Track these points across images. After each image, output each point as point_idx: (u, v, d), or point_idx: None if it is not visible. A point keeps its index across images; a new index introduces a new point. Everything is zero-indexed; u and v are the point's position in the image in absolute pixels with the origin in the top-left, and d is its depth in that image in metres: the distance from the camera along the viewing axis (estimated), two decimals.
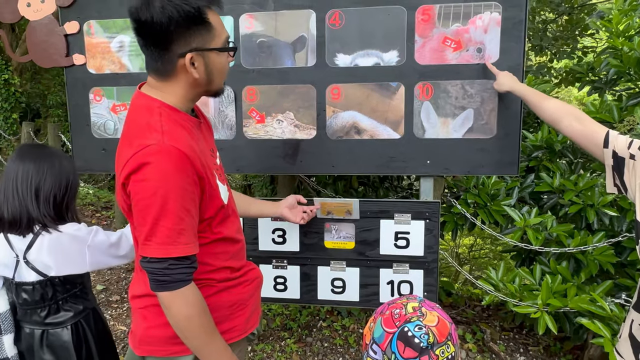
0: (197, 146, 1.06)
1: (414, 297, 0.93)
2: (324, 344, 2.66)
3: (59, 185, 1.38)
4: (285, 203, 1.60)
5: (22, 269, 1.37)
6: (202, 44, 1.03)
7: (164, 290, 1.01)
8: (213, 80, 1.09)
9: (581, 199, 2.25)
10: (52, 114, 7.60)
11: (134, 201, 1.01)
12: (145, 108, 1.05)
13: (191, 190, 1.01)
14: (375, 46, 1.71)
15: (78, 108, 1.96)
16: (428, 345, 0.83)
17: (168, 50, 1.02)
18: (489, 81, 1.67)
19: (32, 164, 1.36)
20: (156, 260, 1.00)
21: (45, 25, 1.91)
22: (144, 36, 1.02)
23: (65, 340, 1.40)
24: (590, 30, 4.00)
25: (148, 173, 0.97)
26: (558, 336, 2.62)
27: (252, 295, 1.26)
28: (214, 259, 1.14)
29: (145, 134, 1.00)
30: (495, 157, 1.71)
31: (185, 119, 1.08)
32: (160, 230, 0.98)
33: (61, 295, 1.40)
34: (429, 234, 1.76)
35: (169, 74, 1.05)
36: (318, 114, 1.79)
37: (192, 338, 1.04)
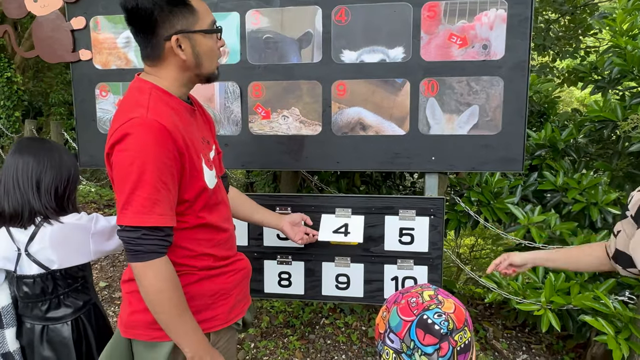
0: (183, 126, 1.09)
1: (428, 286, 0.95)
2: (326, 341, 2.67)
3: (60, 177, 1.38)
4: (289, 218, 1.59)
5: (24, 262, 1.36)
6: (186, 26, 1.08)
7: (137, 260, 1.04)
8: (202, 63, 1.12)
9: (585, 197, 2.26)
10: (54, 112, 7.61)
11: (115, 171, 1.05)
12: (137, 89, 1.11)
13: (170, 164, 1.04)
14: (381, 42, 1.72)
15: (84, 104, 1.97)
16: (448, 331, 0.85)
17: (155, 35, 1.07)
18: (494, 78, 1.68)
19: (32, 157, 1.35)
20: (131, 228, 1.03)
21: (52, 20, 1.92)
22: (133, 23, 1.08)
23: (65, 337, 1.40)
24: (593, 30, 4.00)
25: (129, 144, 1.01)
26: (561, 334, 2.63)
27: (237, 286, 1.26)
28: (196, 244, 1.15)
29: (132, 109, 1.05)
30: (500, 153, 1.71)
31: (176, 102, 1.12)
32: (136, 200, 1.02)
33: (62, 289, 1.40)
34: (433, 230, 1.76)
35: (159, 58, 1.10)
36: (323, 110, 1.79)
37: (161, 312, 1.06)
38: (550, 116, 3.07)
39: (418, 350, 0.86)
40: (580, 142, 2.64)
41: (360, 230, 1.73)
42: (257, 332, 2.76)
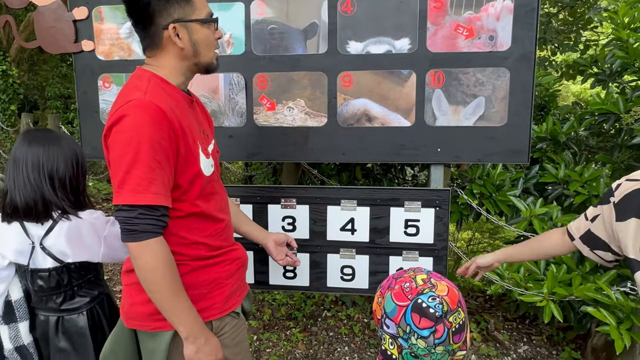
0: (179, 112, 1.11)
1: (420, 270, 0.96)
2: (329, 333, 2.68)
3: (72, 167, 1.36)
4: (274, 236, 1.58)
5: (38, 256, 1.35)
6: (182, 15, 1.11)
7: (133, 240, 1.05)
8: (200, 52, 1.15)
9: (586, 190, 2.27)
10: (50, 106, 7.55)
11: (111, 152, 1.06)
12: (136, 77, 1.14)
13: (165, 145, 1.05)
14: (387, 33, 1.72)
15: (86, 95, 1.95)
16: (443, 313, 0.86)
17: (152, 24, 1.10)
18: (500, 69, 1.68)
19: (41, 149, 1.33)
20: (127, 207, 1.04)
21: (54, 10, 1.90)
22: (132, 15, 1.11)
23: (81, 326, 1.40)
24: (594, 24, 4.01)
25: (125, 125, 1.03)
26: (561, 326, 2.65)
27: (232, 275, 1.27)
28: (189, 233, 1.16)
29: (130, 93, 1.08)
30: (505, 145, 1.72)
31: (174, 90, 1.15)
32: (131, 179, 1.03)
33: (76, 281, 1.39)
34: (438, 221, 1.77)
35: (158, 47, 1.13)
36: (329, 102, 1.79)
37: (156, 291, 1.07)
38: (551, 109, 3.08)
39: (414, 334, 0.87)
40: (581, 135, 2.65)
41: None
42: (259, 324, 2.76)
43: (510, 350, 2.49)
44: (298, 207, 1.83)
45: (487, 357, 2.45)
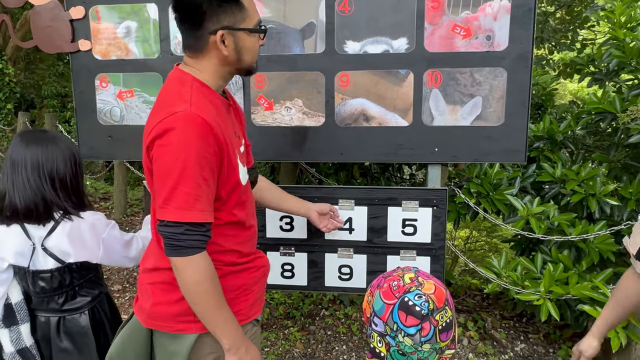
0: (221, 121, 1.09)
1: (409, 268, 0.97)
2: (327, 332, 2.68)
3: (70, 168, 1.36)
4: (316, 207, 1.61)
5: (39, 257, 1.34)
6: (232, 23, 1.08)
7: (178, 255, 1.04)
8: (242, 59, 1.13)
9: (583, 189, 2.28)
10: (47, 105, 7.52)
11: (156, 165, 1.04)
12: (178, 80, 1.11)
13: (211, 159, 1.04)
14: (385, 33, 1.72)
15: (84, 95, 1.95)
16: (428, 312, 0.87)
17: (200, 27, 1.07)
18: (497, 69, 1.68)
19: (40, 149, 1.32)
20: (173, 224, 1.03)
21: (50, 10, 1.89)
22: (180, 12, 1.08)
23: (83, 326, 1.40)
24: (590, 23, 4.02)
25: (172, 138, 1.01)
26: (558, 324, 2.66)
27: (257, 283, 1.27)
28: (225, 240, 1.16)
29: (175, 102, 1.05)
30: (502, 144, 1.72)
31: (214, 96, 1.12)
32: (178, 195, 1.02)
33: (77, 281, 1.39)
34: (436, 221, 1.78)
35: (201, 50, 1.10)
36: (327, 101, 1.79)
37: (200, 304, 1.07)
38: (548, 108, 3.09)
39: (401, 332, 0.88)
40: (578, 134, 2.66)
41: None
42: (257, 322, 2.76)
43: (507, 348, 2.51)
44: None
45: (484, 355, 2.46)
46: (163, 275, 1.15)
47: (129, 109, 1.92)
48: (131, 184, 6.03)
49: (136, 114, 1.92)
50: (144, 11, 1.84)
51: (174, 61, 1.85)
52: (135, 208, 4.93)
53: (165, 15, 1.83)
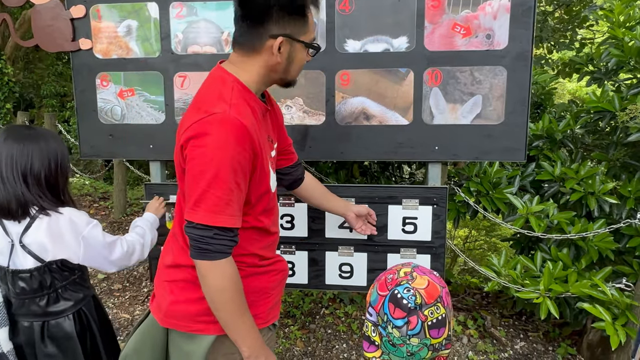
0: (257, 127, 1.08)
1: (409, 264, 0.98)
2: (327, 330, 2.69)
3: (48, 166, 1.31)
4: (355, 208, 1.61)
5: (18, 255, 1.31)
6: (295, 33, 1.08)
7: (205, 258, 1.03)
8: (289, 71, 1.13)
9: (582, 187, 2.29)
10: (46, 104, 7.51)
11: (190, 165, 1.02)
12: (220, 79, 1.10)
13: (245, 164, 1.03)
14: (385, 32, 1.72)
15: (84, 94, 1.95)
16: (416, 306, 0.88)
17: (262, 27, 1.06)
18: (497, 67, 1.69)
19: (16, 146, 1.29)
20: (202, 227, 1.02)
21: (51, 9, 1.89)
22: (246, 9, 1.05)
23: (68, 331, 1.35)
24: (589, 22, 4.03)
25: (208, 140, 0.99)
26: (557, 322, 2.67)
27: (277, 287, 1.26)
28: (248, 244, 1.15)
29: (214, 102, 1.03)
30: (502, 143, 1.73)
31: (254, 100, 1.11)
32: (209, 198, 1.00)
33: (60, 282, 1.35)
34: (436, 219, 1.78)
35: (254, 51, 1.08)
36: (327, 100, 1.80)
37: (223, 310, 1.06)
38: (547, 107, 3.10)
39: (390, 324, 0.90)
40: (577, 132, 2.67)
41: None
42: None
43: (507, 346, 2.51)
44: (296, 205, 1.83)
45: (484, 353, 2.47)
46: (183, 273, 1.14)
47: (130, 107, 1.92)
48: (131, 183, 6.03)
49: (137, 113, 1.92)
50: (145, 10, 1.85)
51: (174, 60, 1.86)
52: (135, 207, 4.93)
53: (166, 14, 1.83)
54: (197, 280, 1.10)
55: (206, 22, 1.82)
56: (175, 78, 1.87)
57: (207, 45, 1.83)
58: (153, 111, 1.91)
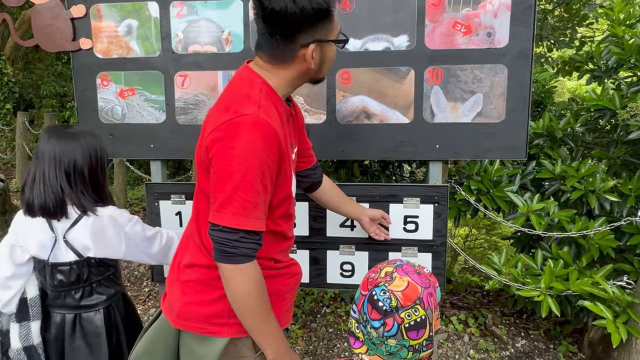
0: (283, 132, 1.07)
1: (393, 262, 0.97)
2: (328, 329, 2.69)
3: (89, 161, 1.36)
4: (370, 213, 1.61)
5: (61, 249, 1.36)
6: (324, 35, 1.05)
7: (229, 262, 1.01)
8: (322, 70, 1.12)
9: (583, 185, 2.29)
10: (45, 105, 7.51)
11: (216, 167, 1.00)
12: (248, 80, 1.07)
13: (272, 167, 1.02)
14: (386, 30, 1.72)
15: (85, 93, 1.95)
16: (391, 308, 0.88)
17: (293, 40, 1.03)
18: (497, 65, 1.69)
19: (59, 144, 1.34)
20: (229, 230, 0.99)
21: (51, 8, 1.89)
22: (272, 24, 1.02)
23: (98, 325, 1.40)
24: (589, 20, 4.03)
25: (237, 142, 0.97)
26: (558, 320, 2.67)
27: (291, 290, 1.25)
28: (266, 247, 1.13)
29: (244, 103, 1.01)
30: (503, 141, 1.73)
31: (281, 104, 1.10)
32: (237, 200, 0.98)
33: (95, 277, 1.40)
34: (437, 217, 1.78)
35: (284, 62, 1.06)
36: (328, 99, 1.80)
37: (248, 315, 1.04)
38: (547, 106, 3.10)
39: (369, 323, 0.91)
40: (578, 131, 2.67)
41: None
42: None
43: (508, 344, 2.52)
44: (297, 204, 1.83)
45: (485, 351, 2.47)
46: (197, 273, 1.12)
47: (131, 107, 1.92)
48: (131, 183, 6.03)
49: (137, 112, 1.92)
50: (145, 9, 1.84)
51: (175, 59, 1.86)
52: (135, 207, 4.92)
53: (166, 13, 1.83)
54: (211, 282, 1.09)
55: (207, 21, 1.82)
56: (176, 77, 1.87)
57: (208, 45, 1.83)
58: (154, 111, 1.91)
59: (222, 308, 1.09)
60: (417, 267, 0.97)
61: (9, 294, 1.36)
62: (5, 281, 1.36)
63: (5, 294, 1.36)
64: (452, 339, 2.57)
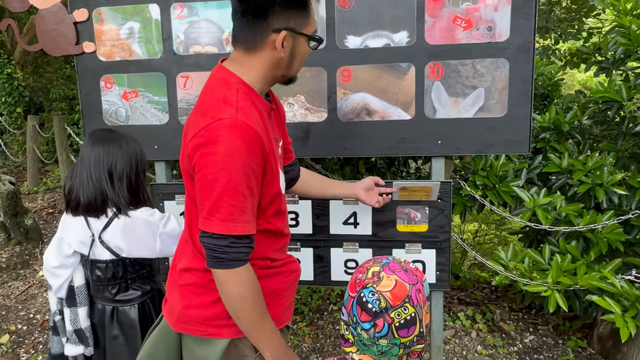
0: (264, 128, 1.06)
1: (380, 260, 0.96)
2: (335, 326, 2.70)
3: (129, 164, 1.45)
4: (361, 185, 1.56)
5: (97, 248, 1.46)
6: (297, 26, 1.05)
7: (222, 267, 1.01)
8: (292, 66, 1.10)
9: (590, 179, 2.26)
10: (55, 108, 7.60)
11: (200, 174, 0.99)
12: (223, 81, 1.06)
13: (256, 169, 1.01)
14: (385, 27, 1.72)
15: (89, 96, 1.97)
16: (381, 309, 0.87)
17: (264, 21, 1.02)
18: (499, 59, 1.67)
19: (102, 147, 1.43)
20: (218, 236, 1.00)
21: (55, 13, 1.91)
22: (245, 4, 1.02)
23: (132, 318, 1.50)
24: (596, 11, 3.97)
25: (218, 147, 0.96)
26: (567, 315, 2.65)
27: (289, 288, 1.25)
28: (261, 247, 1.13)
29: (221, 107, 1.00)
30: (506, 135, 1.72)
31: (259, 101, 1.08)
32: (223, 206, 0.98)
33: (130, 275, 1.49)
34: (440, 213, 1.78)
35: (256, 47, 1.05)
36: (329, 97, 1.80)
37: (244, 318, 1.05)
38: (554, 99, 3.07)
39: (359, 325, 0.90)
40: (585, 123, 2.63)
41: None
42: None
43: (517, 340, 2.50)
44: (300, 202, 1.84)
45: (492, 347, 2.46)
46: (195, 277, 1.13)
47: (134, 109, 1.94)
48: None
49: (141, 114, 1.94)
50: (146, 11, 1.86)
51: (176, 61, 1.87)
52: None
53: (167, 15, 1.85)
54: (208, 284, 1.10)
55: (207, 22, 1.83)
56: (178, 78, 1.89)
57: (209, 45, 1.84)
58: (157, 112, 1.92)
59: (221, 310, 1.09)
60: (403, 263, 0.95)
61: (58, 281, 1.50)
62: (53, 270, 1.50)
63: (55, 281, 1.51)
64: (459, 335, 2.56)
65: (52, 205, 5.12)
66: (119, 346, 1.50)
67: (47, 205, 5.13)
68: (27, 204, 4.98)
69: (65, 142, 5.07)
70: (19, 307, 3.07)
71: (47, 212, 4.89)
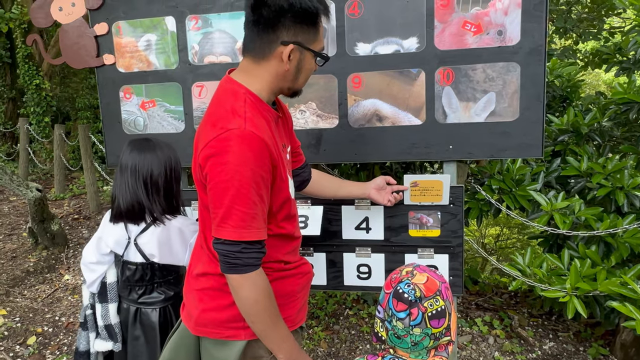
0: (273, 137, 1.10)
1: (412, 264, 1.07)
2: (351, 331, 2.70)
3: (164, 171, 1.51)
4: (373, 184, 1.60)
5: (131, 250, 1.53)
6: (305, 41, 1.09)
7: (235, 272, 1.06)
8: (298, 79, 1.14)
9: (610, 182, 2.21)
10: (81, 116, 7.85)
11: (212, 183, 1.04)
12: (231, 92, 1.10)
13: (266, 177, 1.05)
14: (395, 33, 1.73)
15: (109, 106, 2.05)
16: (415, 298, 0.98)
17: (274, 33, 1.07)
18: (510, 64, 1.66)
19: (138, 156, 1.49)
20: (230, 242, 1.04)
21: (77, 27, 2.00)
22: (258, 12, 1.06)
23: (153, 321, 1.55)
24: (617, 10, 3.88)
25: (227, 157, 1.01)
26: (589, 322, 2.59)
27: (303, 289, 1.28)
28: (273, 251, 1.17)
29: (229, 118, 1.04)
30: (518, 140, 1.70)
31: (266, 109, 1.12)
32: (235, 214, 1.02)
33: (157, 279, 1.55)
34: (453, 218, 1.77)
35: (264, 57, 1.09)
36: (340, 103, 1.82)
37: (258, 322, 1.09)
38: (573, 100, 3.01)
39: (394, 317, 1.00)
40: (605, 125, 2.58)
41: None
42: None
43: (535, 346, 2.45)
44: (312, 207, 1.86)
45: (510, 354, 2.42)
46: (211, 281, 1.17)
47: (152, 118, 2.00)
48: None
49: (158, 123, 2.00)
50: (163, 24, 1.92)
51: (192, 70, 1.93)
52: None
53: (182, 26, 1.90)
54: (224, 288, 1.13)
55: (220, 33, 1.88)
56: (193, 88, 1.94)
57: (223, 55, 1.89)
58: (173, 121, 1.98)
59: (237, 312, 1.12)
60: (428, 268, 1.06)
61: (93, 276, 1.58)
62: (90, 265, 1.58)
63: (90, 276, 1.58)
64: (476, 341, 2.53)
65: (77, 211, 5.29)
66: (139, 346, 1.56)
67: (72, 211, 5.29)
68: (54, 210, 5.15)
69: (90, 149, 5.23)
70: (45, 310, 3.18)
71: (72, 218, 5.05)
